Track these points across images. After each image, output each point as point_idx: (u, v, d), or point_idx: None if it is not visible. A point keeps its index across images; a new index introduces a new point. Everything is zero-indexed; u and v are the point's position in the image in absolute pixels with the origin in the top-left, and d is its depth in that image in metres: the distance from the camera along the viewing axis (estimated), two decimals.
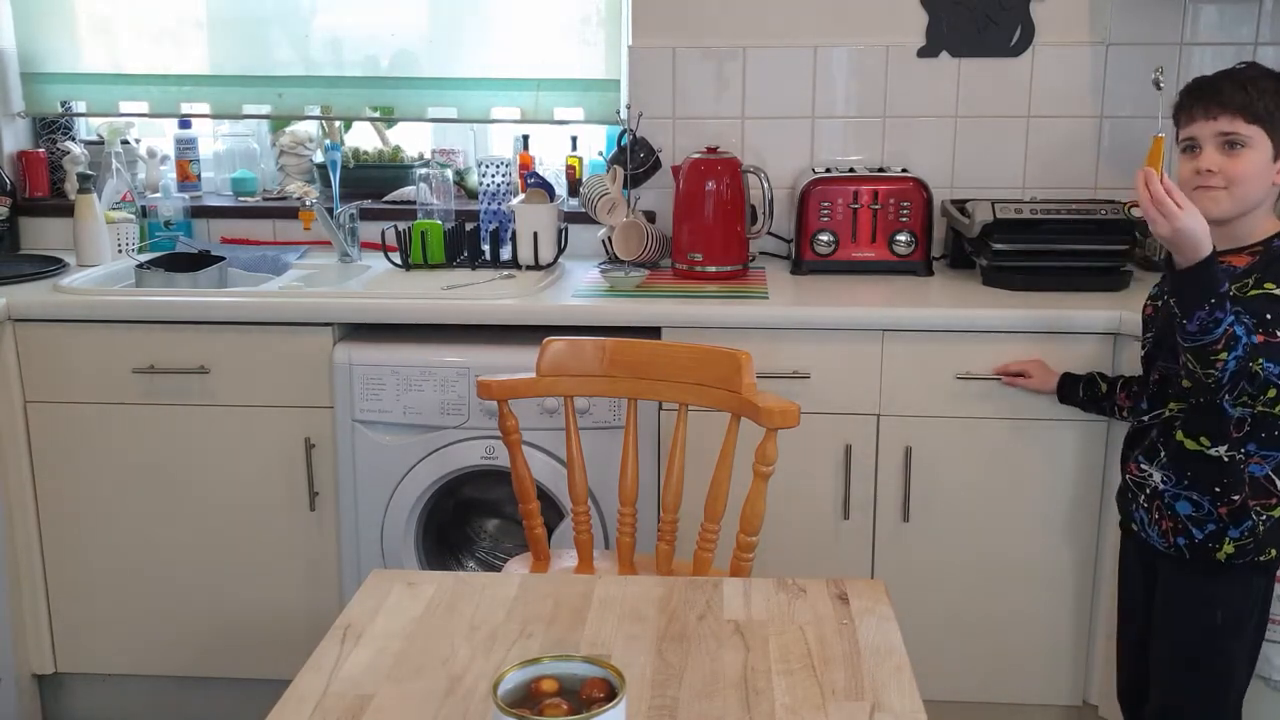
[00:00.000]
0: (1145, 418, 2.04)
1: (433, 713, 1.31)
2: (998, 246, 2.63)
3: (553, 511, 2.48)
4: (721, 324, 2.47)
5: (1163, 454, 1.98)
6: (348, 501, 2.57)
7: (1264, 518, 1.92)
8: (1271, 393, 1.85)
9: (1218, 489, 1.93)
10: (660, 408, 2.49)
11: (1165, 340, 1.96)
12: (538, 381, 2.18)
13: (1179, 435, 1.95)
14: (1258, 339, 1.79)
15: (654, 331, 2.46)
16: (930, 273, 2.80)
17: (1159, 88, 1.97)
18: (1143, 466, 2.02)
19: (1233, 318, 1.76)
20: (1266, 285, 1.83)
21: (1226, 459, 1.92)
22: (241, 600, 2.68)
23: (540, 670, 1.19)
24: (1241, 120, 1.83)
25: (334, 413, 2.55)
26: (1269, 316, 1.80)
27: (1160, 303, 2.02)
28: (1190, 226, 1.74)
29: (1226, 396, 1.84)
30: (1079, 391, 2.33)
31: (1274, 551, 1.94)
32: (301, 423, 2.57)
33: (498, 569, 2.57)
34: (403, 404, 2.50)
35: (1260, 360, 1.79)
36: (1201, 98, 1.88)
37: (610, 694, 1.15)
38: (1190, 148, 1.90)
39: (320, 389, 2.55)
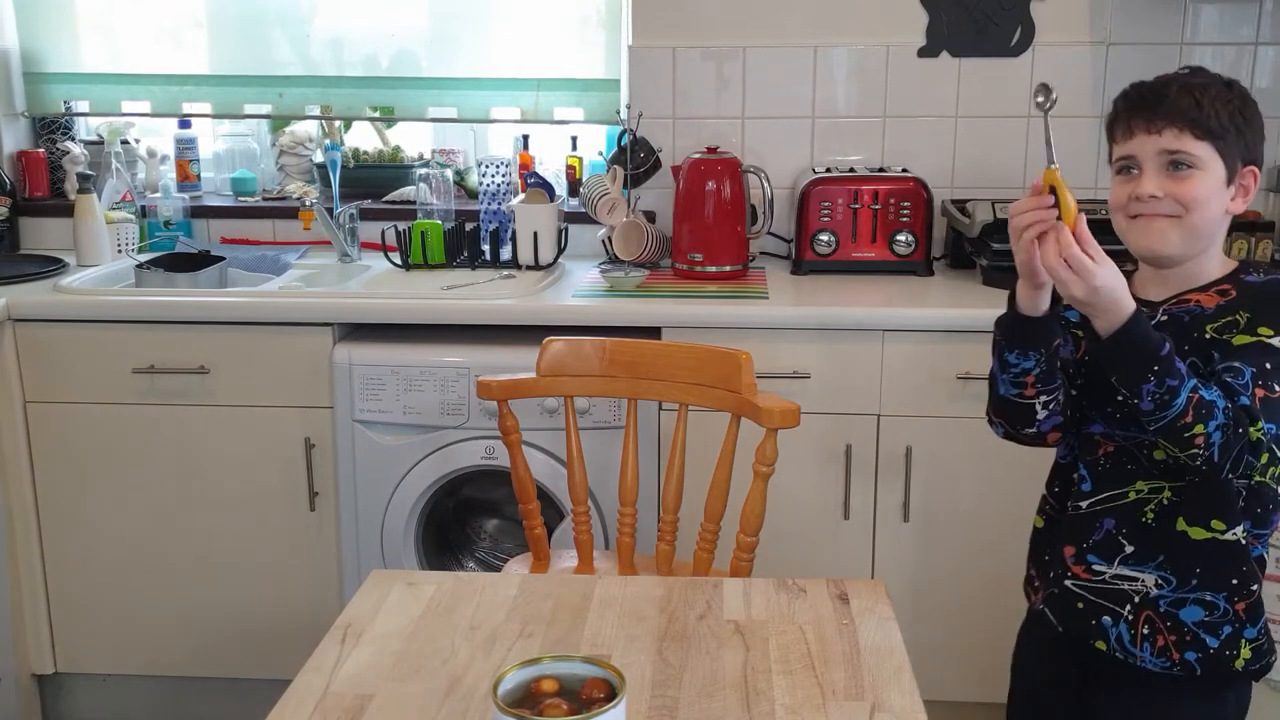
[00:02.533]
0: (1085, 504, 1.63)
1: (433, 713, 1.31)
2: (998, 246, 2.63)
3: (553, 511, 2.48)
4: (721, 324, 2.47)
5: (1142, 549, 1.58)
6: (348, 501, 2.57)
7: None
8: (1264, 458, 1.50)
9: (1235, 581, 1.56)
10: (660, 408, 2.49)
11: (1101, 390, 1.58)
12: (538, 381, 2.18)
13: (1181, 524, 1.55)
14: (1254, 395, 1.45)
15: (654, 331, 2.46)
16: (930, 273, 2.80)
17: (1044, 107, 1.53)
18: (1109, 569, 1.60)
19: (1194, 381, 1.42)
20: (1261, 331, 1.49)
21: (1244, 541, 1.56)
22: (241, 600, 2.68)
23: (540, 670, 1.19)
24: (1190, 136, 1.50)
25: (334, 413, 2.55)
26: (1269, 366, 1.47)
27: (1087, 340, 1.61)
28: (1111, 283, 1.42)
29: (1230, 475, 1.48)
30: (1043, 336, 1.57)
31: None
32: (301, 423, 2.57)
33: (498, 569, 2.57)
34: (403, 404, 2.50)
35: (1260, 423, 1.45)
36: (1143, 108, 1.54)
37: (610, 694, 1.15)
38: (1127, 168, 1.56)
39: (320, 389, 2.55)
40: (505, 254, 2.89)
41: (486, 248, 2.92)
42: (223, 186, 3.27)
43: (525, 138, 3.12)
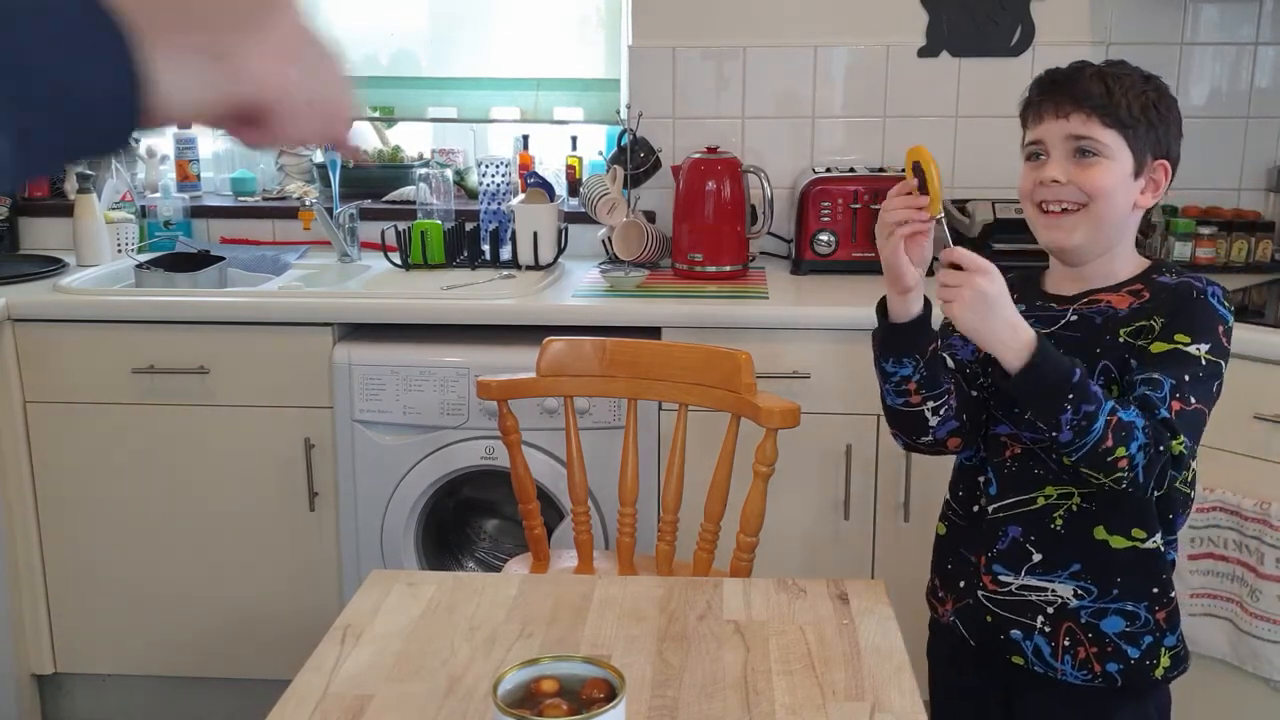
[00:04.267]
0: (991, 509, 1.58)
1: (433, 713, 1.31)
2: (998, 246, 2.63)
3: (553, 511, 2.48)
4: (721, 324, 2.47)
5: (1051, 558, 1.54)
6: (347, 502, 2.57)
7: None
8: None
9: (1155, 589, 1.54)
10: (660, 408, 2.49)
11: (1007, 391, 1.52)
12: (538, 381, 2.18)
13: (1101, 533, 1.52)
14: (1172, 408, 1.40)
15: (654, 331, 2.46)
16: (930, 273, 2.79)
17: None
18: (1016, 579, 1.56)
19: (1110, 403, 1.37)
20: (1178, 338, 1.44)
21: (1162, 549, 1.54)
22: (241, 600, 2.68)
23: (540, 670, 1.19)
24: (1098, 123, 1.47)
25: (334, 413, 2.55)
26: (1186, 378, 1.42)
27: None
28: (993, 291, 1.39)
29: (1155, 492, 1.44)
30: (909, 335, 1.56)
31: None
32: (301, 423, 2.57)
33: (498, 569, 2.57)
34: (402, 404, 2.50)
35: (1181, 438, 1.40)
36: (1052, 91, 1.51)
37: (610, 694, 1.15)
38: (1035, 154, 1.53)
39: (320, 389, 2.55)
40: (505, 254, 2.89)
41: (486, 248, 2.92)
42: (222, 186, 3.27)
43: (525, 138, 3.12)
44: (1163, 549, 1.54)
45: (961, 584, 1.63)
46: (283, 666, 1.62)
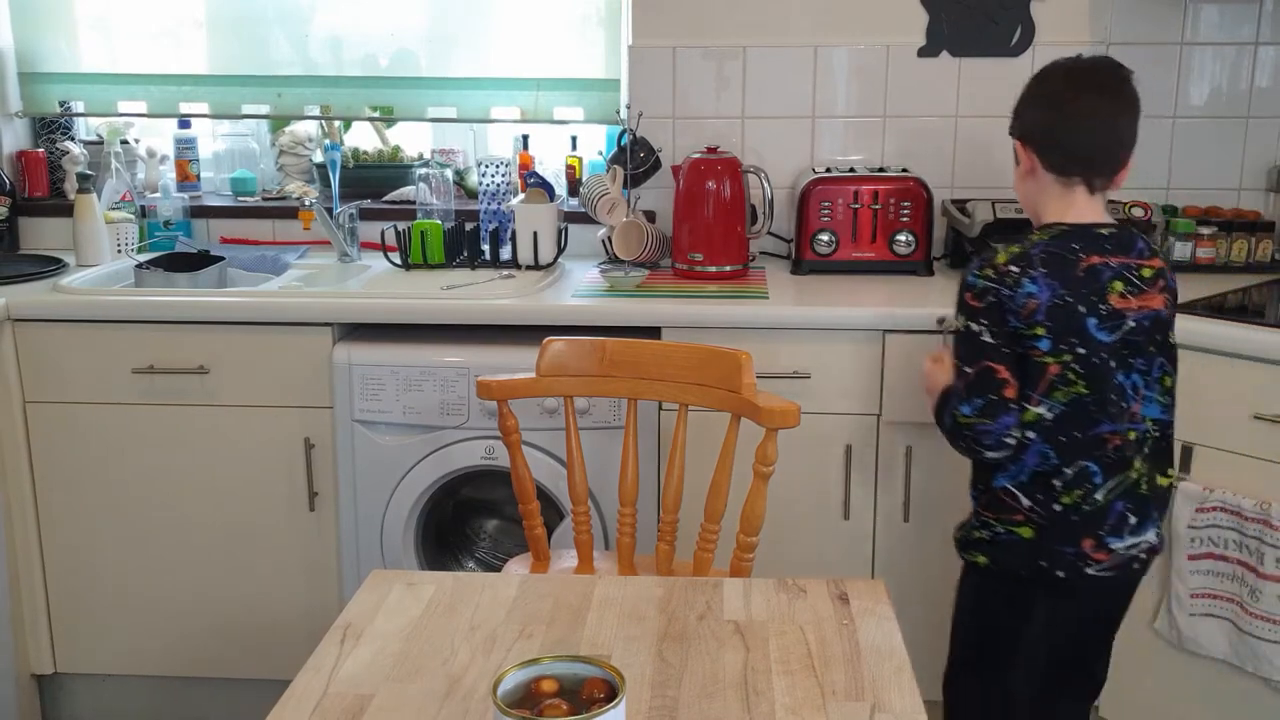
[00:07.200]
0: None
1: (433, 713, 1.31)
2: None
3: (553, 511, 2.48)
4: (721, 324, 2.47)
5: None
6: (347, 502, 2.57)
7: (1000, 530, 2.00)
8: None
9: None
10: (660, 408, 2.49)
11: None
12: (538, 381, 2.18)
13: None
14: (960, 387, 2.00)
15: (654, 331, 2.46)
16: (930, 273, 2.80)
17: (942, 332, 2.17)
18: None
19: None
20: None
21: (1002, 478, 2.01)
22: (241, 600, 2.68)
23: (540, 670, 1.19)
24: None
25: (334, 413, 2.55)
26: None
27: None
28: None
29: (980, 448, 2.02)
30: None
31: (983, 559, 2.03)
32: (301, 423, 2.57)
33: (497, 569, 2.57)
34: (402, 404, 2.50)
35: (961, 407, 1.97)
36: None
37: (610, 694, 1.15)
38: None
39: (320, 389, 2.55)
40: (505, 254, 2.89)
41: (486, 248, 2.92)
42: (222, 186, 3.27)
43: (525, 137, 3.12)
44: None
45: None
46: (283, 666, 1.62)
